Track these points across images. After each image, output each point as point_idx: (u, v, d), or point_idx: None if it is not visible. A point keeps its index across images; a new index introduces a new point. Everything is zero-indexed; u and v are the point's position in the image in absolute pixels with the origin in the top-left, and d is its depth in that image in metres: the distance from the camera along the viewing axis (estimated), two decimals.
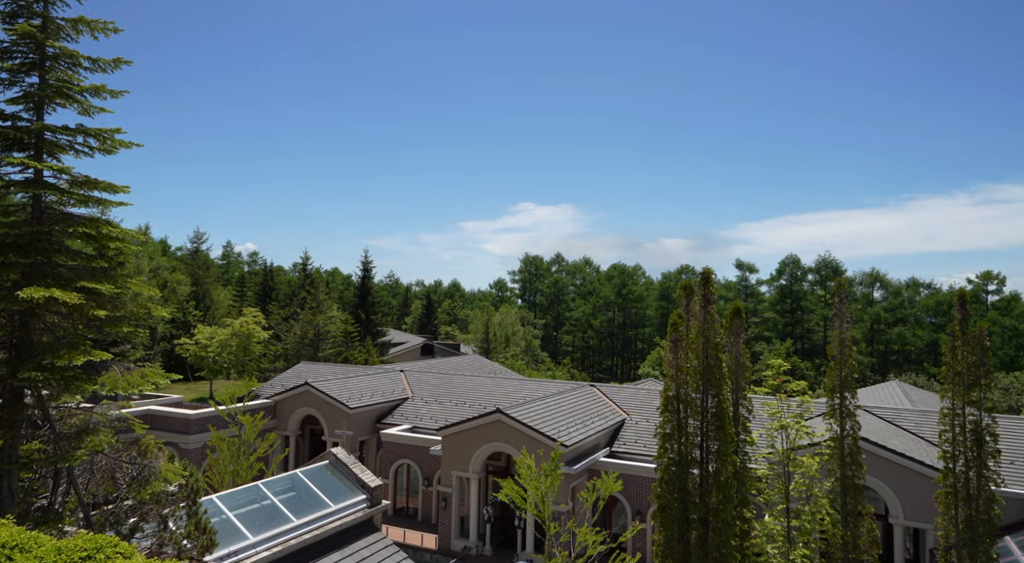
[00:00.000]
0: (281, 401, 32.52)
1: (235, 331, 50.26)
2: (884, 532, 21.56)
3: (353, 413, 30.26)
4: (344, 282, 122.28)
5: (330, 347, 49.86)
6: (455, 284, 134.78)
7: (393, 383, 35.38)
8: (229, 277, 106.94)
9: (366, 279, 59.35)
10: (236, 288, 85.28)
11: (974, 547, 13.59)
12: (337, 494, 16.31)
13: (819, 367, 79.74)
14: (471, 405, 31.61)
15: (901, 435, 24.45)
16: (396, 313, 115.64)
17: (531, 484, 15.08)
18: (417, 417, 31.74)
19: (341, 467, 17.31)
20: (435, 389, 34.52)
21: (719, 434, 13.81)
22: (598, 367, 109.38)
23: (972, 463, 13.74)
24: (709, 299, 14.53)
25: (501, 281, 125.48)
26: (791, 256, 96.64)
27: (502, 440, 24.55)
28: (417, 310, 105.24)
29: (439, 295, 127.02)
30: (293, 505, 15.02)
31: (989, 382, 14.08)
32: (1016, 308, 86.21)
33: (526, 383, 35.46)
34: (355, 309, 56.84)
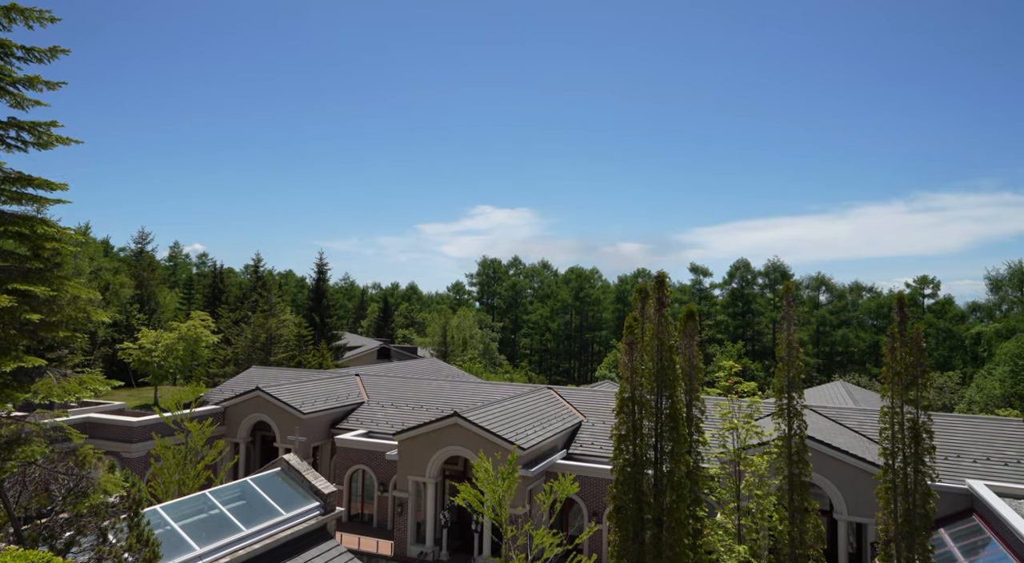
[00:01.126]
0: (231, 407, 31.54)
1: (182, 335, 48.54)
2: (829, 527, 22.33)
3: (306, 418, 29.60)
4: (298, 285, 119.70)
5: (283, 351, 48.67)
6: (413, 287, 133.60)
7: (348, 387, 34.77)
8: (176, 279, 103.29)
9: (321, 281, 58.20)
10: (184, 290, 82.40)
11: (911, 540, 14.20)
12: (289, 502, 15.91)
13: (768, 368, 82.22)
14: (428, 409, 31.33)
15: (845, 433, 25.39)
16: (352, 316, 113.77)
17: (488, 487, 15.03)
18: (373, 422, 31.26)
19: (294, 474, 16.90)
20: (391, 393, 34.08)
21: (673, 435, 14.06)
22: (556, 370, 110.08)
23: (910, 459, 14.37)
24: (664, 302, 14.79)
25: (459, 284, 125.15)
26: (742, 260, 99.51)
27: (459, 444, 24.41)
28: (374, 313, 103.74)
29: (396, 298, 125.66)
30: (243, 514, 14.57)
31: (925, 381, 14.75)
32: (950, 311, 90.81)
33: (484, 386, 35.36)
34: (309, 312, 55.66)
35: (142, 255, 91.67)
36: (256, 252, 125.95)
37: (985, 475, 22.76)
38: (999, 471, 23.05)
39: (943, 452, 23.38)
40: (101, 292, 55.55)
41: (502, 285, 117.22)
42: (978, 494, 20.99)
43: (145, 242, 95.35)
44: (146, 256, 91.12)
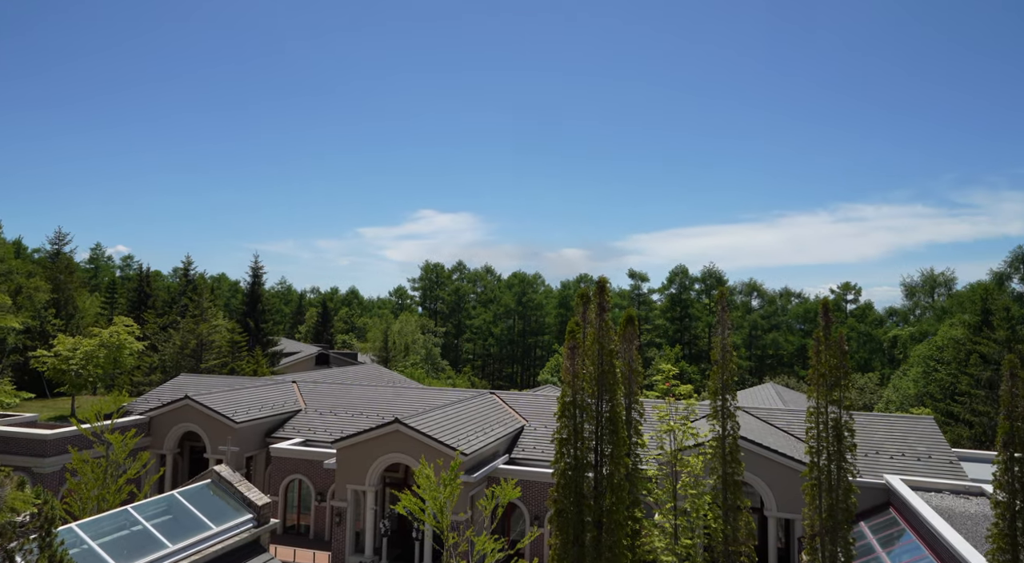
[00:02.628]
0: (157, 417, 29.99)
1: (103, 341, 45.80)
2: (759, 524, 23.20)
3: (239, 427, 28.47)
4: (231, 289, 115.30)
5: (215, 358, 46.67)
6: (353, 291, 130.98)
7: (284, 395, 33.69)
8: (98, 282, 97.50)
9: (256, 285, 56.21)
10: (106, 294, 77.81)
11: (835, 533, 14.92)
12: (220, 515, 15.23)
13: (704, 371, 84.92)
14: (368, 416, 30.72)
15: (775, 433, 26.47)
16: (289, 321, 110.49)
17: (430, 494, 14.85)
18: (310, 430, 30.39)
19: (225, 485, 16.20)
20: (330, 400, 33.24)
21: (613, 438, 14.28)
22: (499, 374, 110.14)
23: (833, 457, 15.11)
24: (604, 307, 15.03)
25: (401, 288, 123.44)
26: (680, 267, 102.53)
27: (401, 451, 24.04)
28: (312, 318, 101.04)
29: (336, 303, 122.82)
30: (169, 529, 13.84)
31: (848, 383, 15.56)
32: (870, 316, 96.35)
33: (426, 392, 35.00)
34: (243, 317, 53.65)
35: (59, 257, 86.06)
36: (186, 254, 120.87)
37: (901, 470, 24.20)
38: (913, 466, 24.55)
39: (863, 449, 24.72)
40: (11, 296, 51.69)
41: (445, 290, 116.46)
42: (894, 488, 22.28)
43: (62, 243, 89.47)
44: (63, 258, 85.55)
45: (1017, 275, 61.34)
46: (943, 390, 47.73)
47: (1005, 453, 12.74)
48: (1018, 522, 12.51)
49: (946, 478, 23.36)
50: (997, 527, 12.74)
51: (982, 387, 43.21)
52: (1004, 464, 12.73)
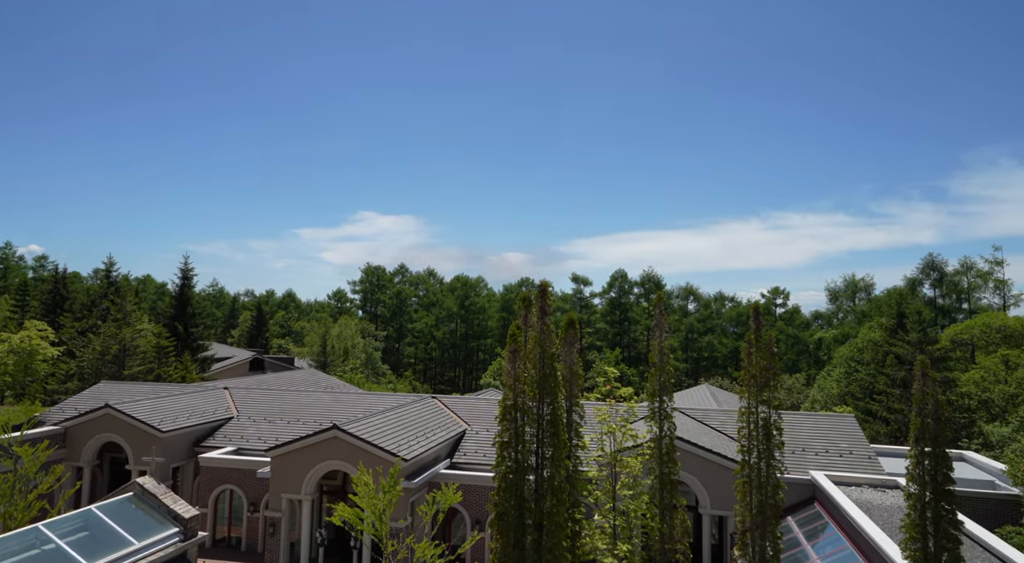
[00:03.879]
0: (74, 427, 28.17)
1: (13, 347, 42.73)
2: (694, 521, 23.91)
3: (166, 437, 27.10)
4: (158, 291, 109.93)
5: (139, 364, 44.26)
6: (290, 294, 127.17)
7: (215, 402, 32.31)
8: (7, 284, 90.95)
9: (185, 288, 53.70)
10: (16, 297, 72.56)
11: (764, 528, 15.53)
12: (143, 529, 14.43)
13: (643, 373, 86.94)
14: (305, 422, 29.85)
15: (709, 433, 27.36)
16: (221, 325, 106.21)
17: (368, 502, 14.53)
18: (243, 438, 29.25)
19: (149, 498, 15.37)
20: (264, 406, 32.11)
21: (554, 440, 14.39)
22: (440, 378, 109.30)
23: (763, 454, 15.73)
24: (546, 311, 15.15)
25: (341, 292, 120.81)
26: (620, 271, 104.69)
27: (339, 458, 23.46)
28: (246, 322, 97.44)
29: (271, 306, 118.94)
30: (85, 547, 13.00)
31: (776, 383, 16.25)
32: (797, 319, 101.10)
33: (366, 397, 34.33)
34: (171, 321, 51.13)
35: None
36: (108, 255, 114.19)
37: (824, 466, 25.47)
38: (835, 462, 25.88)
39: (790, 447, 25.87)
40: None
41: (386, 293, 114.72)
42: (818, 484, 23.41)
43: None
44: None
45: (928, 281, 65.80)
46: (863, 389, 50.60)
47: (916, 448, 13.59)
48: (927, 512, 13.36)
49: (865, 473, 24.74)
50: (909, 517, 13.57)
51: (897, 386, 46.06)
52: (916, 458, 13.58)
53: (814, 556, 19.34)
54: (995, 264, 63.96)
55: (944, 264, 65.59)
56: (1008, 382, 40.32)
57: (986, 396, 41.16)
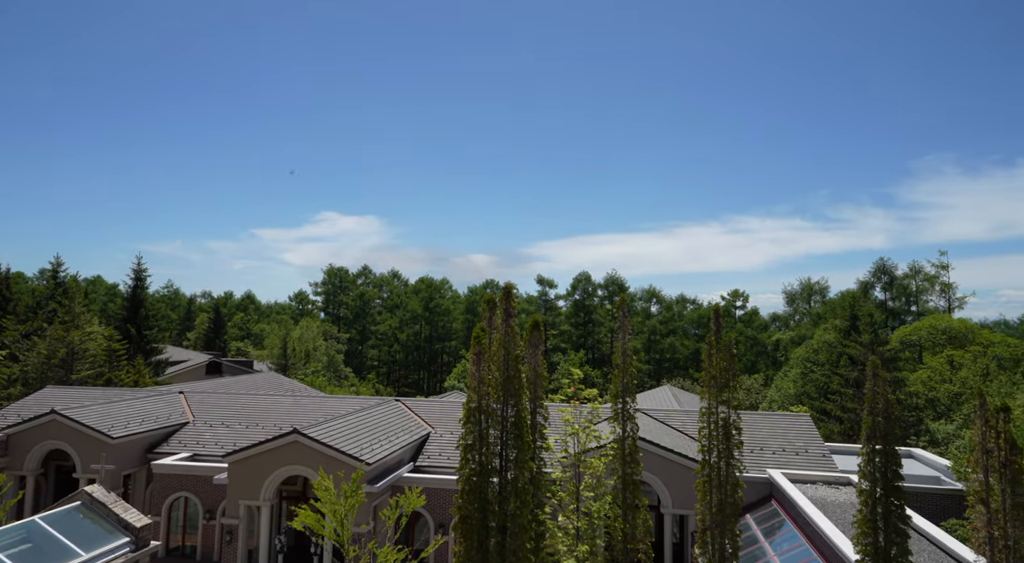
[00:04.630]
0: (16, 434, 26.95)
1: None
2: (656, 521, 24.22)
3: (116, 443, 26.14)
4: (109, 292, 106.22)
5: (88, 368, 42.61)
6: (249, 296, 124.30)
7: (170, 406, 31.34)
8: None
9: (139, 289, 51.96)
10: None
11: (724, 526, 15.82)
12: (91, 540, 13.88)
13: (607, 375, 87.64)
14: (264, 427, 29.20)
15: (671, 433, 27.77)
16: (177, 328, 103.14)
17: (329, 507, 14.26)
18: (199, 443, 28.44)
19: (98, 508, 14.79)
20: (222, 411, 31.28)
21: (518, 442, 14.38)
22: (404, 381, 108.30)
23: (723, 454, 16.03)
24: (510, 313, 15.14)
25: (302, 293, 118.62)
26: (584, 273, 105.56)
27: (299, 462, 23.00)
28: (203, 324, 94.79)
29: (230, 308, 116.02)
30: (28, 559, 12.43)
31: (736, 384, 16.59)
32: (756, 321, 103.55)
33: (328, 400, 33.78)
34: (123, 323, 49.40)
35: None
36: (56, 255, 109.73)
37: (781, 465, 26.12)
38: (792, 460, 26.56)
39: (749, 446, 26.44)
40: None
41: (349, 295, 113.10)
42: (776, 482, 23.98)
43: None
44: None
45: (879, 284, 68.22)
46: (818, 389, 52.12)
47: (868, 446, 14.04)
48: (878, 508, 13.82)
49: (820, 470, 25.46)
50: (861, 513, 14.01)
51: (850, 386, 47.60)
52: (867, 456, 14.03)
53: (771, 553, 19.80)
54: (941, 268, 66.73)
55: (894, 268, 68.18)
56: (953, 381, 42.08)
57: (932, 395, 42.88)
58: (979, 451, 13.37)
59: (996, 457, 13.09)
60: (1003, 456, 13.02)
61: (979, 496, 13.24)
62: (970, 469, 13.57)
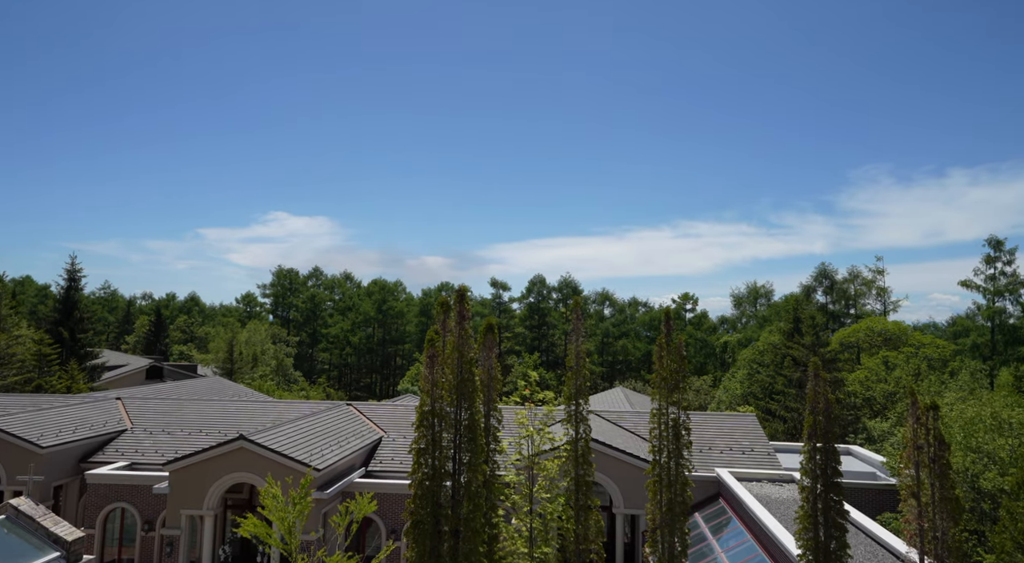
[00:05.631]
0: None
1: None
2: (608, 521, 24.51)
3: (46, 453, 24.78)
4: (40, 294, 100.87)
5: (15, 374, 40.26)
6: (194, 298, 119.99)
7: (106, 413, 29.91)
8: None
9: (72, 290, 49.43)
10: None
11: (673, 525, 16.13)
12: (17, 556, 13.08)
13: (560, 377, 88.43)
14: (208, 433, 28.21)
15: (623, 434, 28.16)
16: (114, 331, 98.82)
17: (277, 515, 13.87)
18: (138, 452, 27.25)
19: (24, 521, 13.96)
20: (163, 417, 30.06)
21: (471, 445, 14.31)
22: (356, 385, 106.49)
23: (672, 454, 16.35)
24: (464, 315, 15.06)
25: (250, 295, 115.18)
26: (538, 276, 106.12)
27: (246, 469, 22.30)
28: (143, 327, 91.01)
29: (173, 310, 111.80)
30: None
31: (686, 385, 16.94)
32: (705, 323, 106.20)
33: (276, 405, 32.91)
34: (55, 326, 46.88)
35: None
36: None
37: (728, 463, 26.83)
38: (738, 459, 27.32)
39: (698, 446, 27.08)
40: None
41: (299, 297, 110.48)
42: (723, 480, 24.60)
43: None
44: None
45: (820, 288, 70.98)
46: (763, 389, 53.83)
47: (810, 444, 14.57)
48: (819, 504, 14.34)
49: (765, 469, 26.27)
50: (803, 509, 14.51)
51: (794, 386, 49.34)
52: (808, 453, 14.55)
53: (719, 549, 20.30)
54: (877, 273, 69.94)
55: (834, 273, 71.05)
56: (888, 381, 44.14)
57: (869, 394, 44.87)
58: (911, 447, 14.04)
59: (926, 453, 13.77)
60: (932, 452, 13.70)
61: (911, 490, 13.90)
62: (903, 465, 14.23)
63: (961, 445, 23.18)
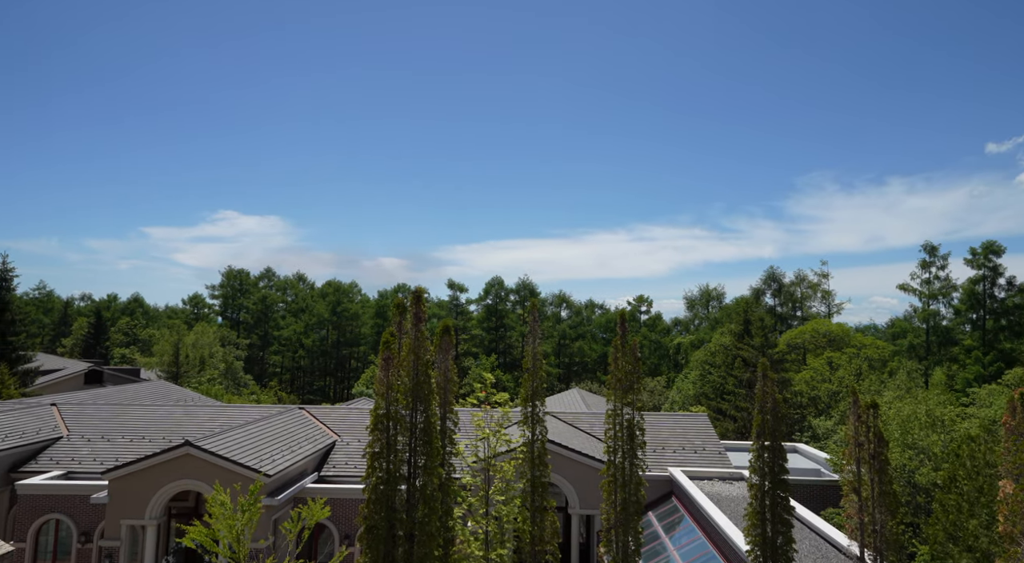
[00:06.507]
0: None
1: None
2: (564, 522, 24.65)
3: None
4: None
5: None
6: (137, 299, 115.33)
7: (39, 420, 28.42)
8: None
9: (4, 290, 46.84)
10: None
11: (627, 525, 16.33)
12: None
13: (517, 379, 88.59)
14: (152, 439, 27.13)
15: (579, 435, 28.39)
16: (50, 334, 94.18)
17: (225, 523, 13.42)
18: (74, 460, 25.98)
19: None
20: (102, 424, 28.75)
21: (427, 449, 14.16)
22: (309, 388, 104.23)
23: (627, 454, 16.57)
24: (421, 317, 14.91)
25: (198, 296, 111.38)
26: (496, 278, 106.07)
27: (192, 476, 21.53)
28: (81, 330, 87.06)
29: (114, 312, 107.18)
30: None
31: (640, 386, 17.20)
32: (659, 325, 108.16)
33: (225, 409, 31.89)
34: None
35: None
36: None
37: (681, 463, 27.36)
38: (690, 458, 27.89)
39: (652, 446, 27.52)
40: None
41: (250, 298, 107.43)
42: (676, 479, 25.07)
43: None
44: None
45: (769, 291, 73.27)
46: (715, 390, 55.16)
47: (758, 442, 14.98)
48: (766, 500, 14.75)
49: (716, 467, 26.90)
50: (751, 506, 14.90)
51: (744, 386, 50.73)
52: (757, 452, 14.96)
53: (671, 547, 20.66)
54: (822, 277, 72.74)
55: (782, 276, 73.42)
56: (832, 381, 45.87)
57: (814, 394, 46.53)
58: (852, 445, 14.60)
59: (867, 449, 14.35)
60: (872, 448, 14.29)
61: (852, 486, 14.46)
62: (845, 461, 14.79)
63: (899, 442, 24.26)
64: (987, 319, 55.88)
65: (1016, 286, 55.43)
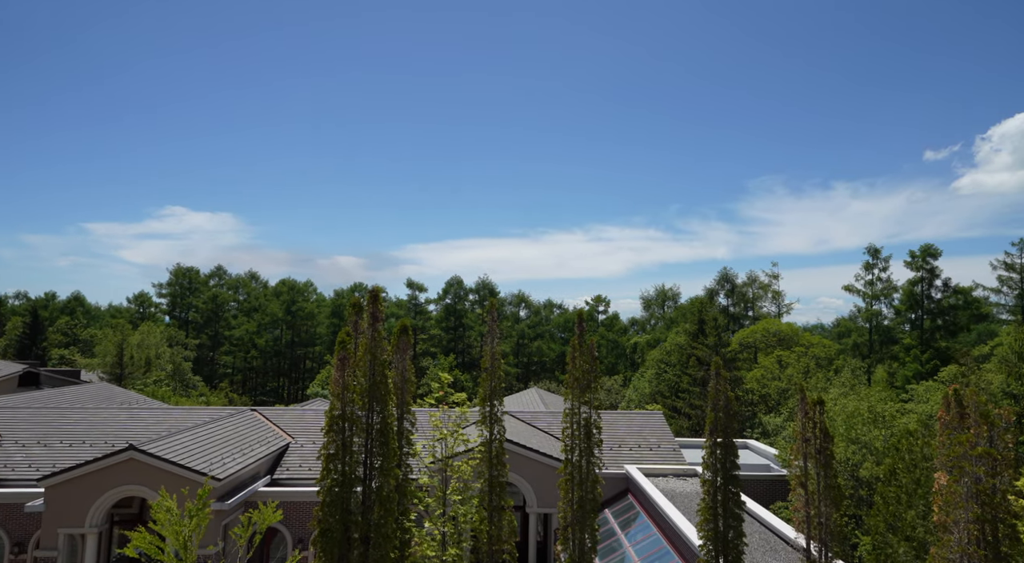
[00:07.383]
0: None
1: None
2: (521, 521, 24.72)
3: None
4: None
5: None
6: (78, 297, 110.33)
7: None
8: None
9: None
10: None
11: (584, 522, 16.48)
12: None
13: (476, 378, 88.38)
14: (93, 444, 25.98)
15: (537, 434, 28.51)
16: None
17: (171, 529, 12.92)
18: (7, 466, 24.66)
19: None
20: (38, 428, 27.38)
21: (383, 449, 13.97)
22: (262, 389, 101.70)
23: (584, 453, 16.70)
24: (378, 317, 14.70)
25: (144, 295, 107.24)
26: (455, 277, 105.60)
27: (137, 482, 20.71)
28: (16, 329, 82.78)
29: (52, 311, 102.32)
30: None
31: (597, 385, 17.36)
32: (616, 325, 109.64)
33: (172, 412, 30.79)
34: None
35: None
36: None
37: (637, 460, 27.78)
38: (646, 456, 28.35)
39: (608, 444, 27.86)
40: None
41: (200, 297, 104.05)
42: (632, 476, 25.44)
43: None
44: None
45: (723, 291, 75.15)
46: (670, 388, 56.26)
47: (711, 439, 15.32)
48: (718, 496, 15.11)
49: (671, 464, 27.41)
50: (704, 501, 15.24)
51: (698, 385, 51.89)
52: (710, 448, 15.30)
53: (627, 544, 20.95)
54: (773, 277, 75.11)
55: (735, 277, 75.47)
56: (781, 379, 47.35)
57: (765, 391, 47.93)
58: (800, 440, 15.08)
59: (813, 444, 14.85)
60: (818, 443, 14.79)
61: (799, 480, 14.93)
62: (793, 457, 15.27)
63: (843, 437, 25.22)
64: (925, 319, 58.64)
65: (951, 288, 58.37)
